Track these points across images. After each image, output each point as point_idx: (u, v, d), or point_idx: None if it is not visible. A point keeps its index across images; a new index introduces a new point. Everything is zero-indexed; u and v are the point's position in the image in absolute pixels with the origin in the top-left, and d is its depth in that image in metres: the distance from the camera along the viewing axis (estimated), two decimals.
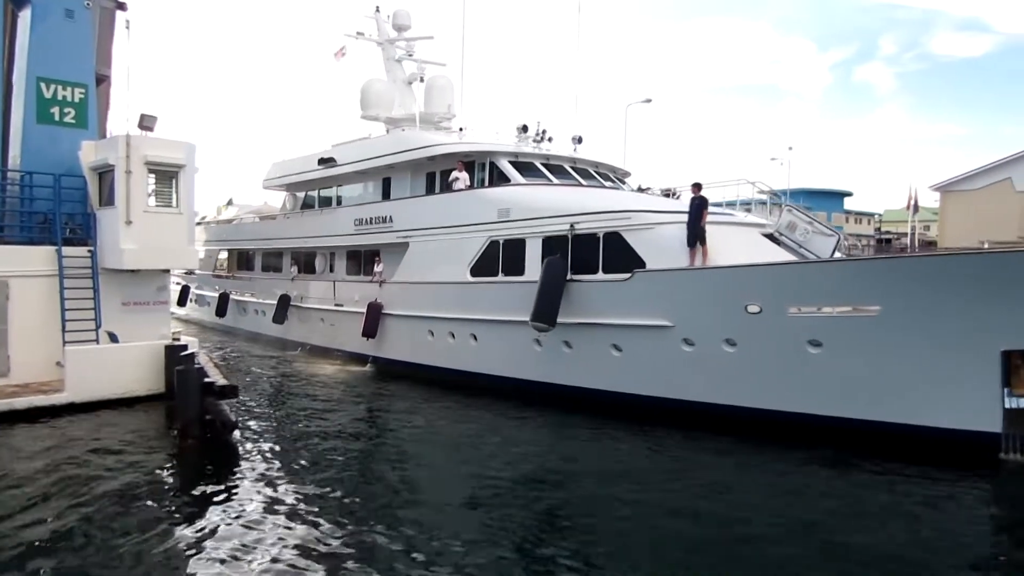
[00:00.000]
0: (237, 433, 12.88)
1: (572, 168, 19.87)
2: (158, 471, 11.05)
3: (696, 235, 13.85)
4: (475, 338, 17.74)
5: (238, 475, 11.00)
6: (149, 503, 9.52)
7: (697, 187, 14.22)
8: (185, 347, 15.45)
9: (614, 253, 14.96)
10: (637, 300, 14.38)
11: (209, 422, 12.65)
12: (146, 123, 16.41)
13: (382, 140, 22.55)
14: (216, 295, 30.55)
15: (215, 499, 9.78)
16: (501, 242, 17.22)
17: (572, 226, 15.57)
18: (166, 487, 10.45)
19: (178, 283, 35.79)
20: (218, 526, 8.73)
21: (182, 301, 33.65)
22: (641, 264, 14.48)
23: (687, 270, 13.77)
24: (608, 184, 20.03)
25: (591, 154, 20.78)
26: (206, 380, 13.18)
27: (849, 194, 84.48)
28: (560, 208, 16.08)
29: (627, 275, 14.37)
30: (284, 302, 24.79)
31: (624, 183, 21.64)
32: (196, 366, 13.63)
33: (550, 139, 20.42)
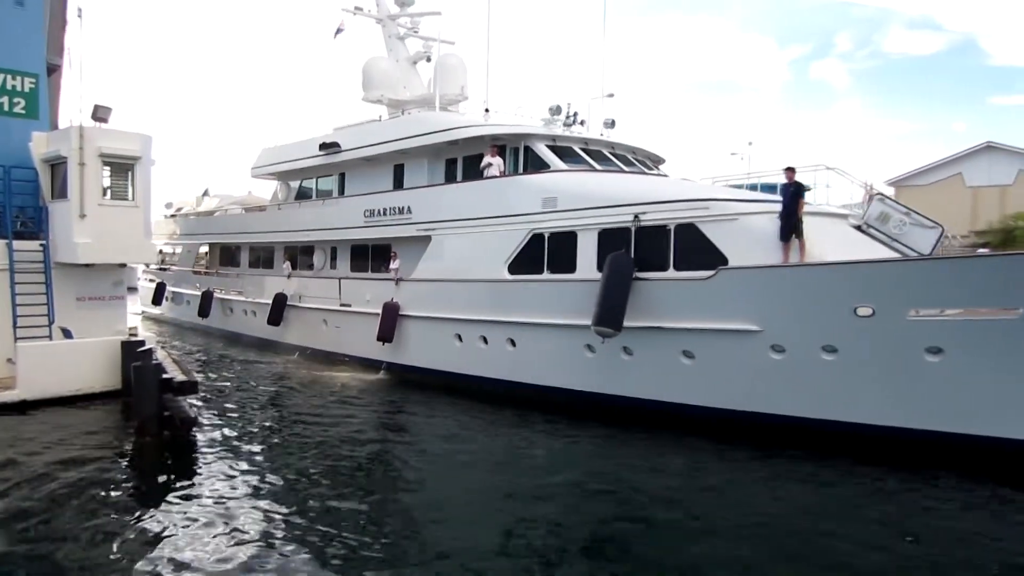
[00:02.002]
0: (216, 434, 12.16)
1: (611, 154, 18.02)
2: (114, 469, 10.77)
3: (792, 227, 12.11)
4: (513, 343, 15.78)
5: (197, 474, 10.63)
6: (104, 501, 9.29)
7: (791, 171, 12.47)
8: (142, 343, 15.02)
9: (688, 248, 13.15)
10: (719, 301, 12.60)
11: (167, 419, 12.34)
12: (100, 114, 15.79)
13: (394, 123, 20.37)
14: (197, 293, 27.98)
15: (172, 497, 9.54)
16: (546, 235, 15.27)
17: (636, 217, 13.71)
18: (122, 485, 10.15)
19: (151, 280, 33.11)
20: (173, 524, 8.55)
21: (157, 299, 30.97)
22: (722, 260, 12.69)
23: (787, 267, 12.01)
24: (651, 172, 18.24)
25: (628, 139, 18.95)
26: (164, 376, 12.76)
27: (808, 188, 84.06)
28: (620, 197, 14.20)
29: (709, 272, 12.57)
30: (279, 302, 22.44)
31: (659, 170, 19.86)
32: (154, 362, 13.16)
33: (582, 122, 18.57)
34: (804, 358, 12.10)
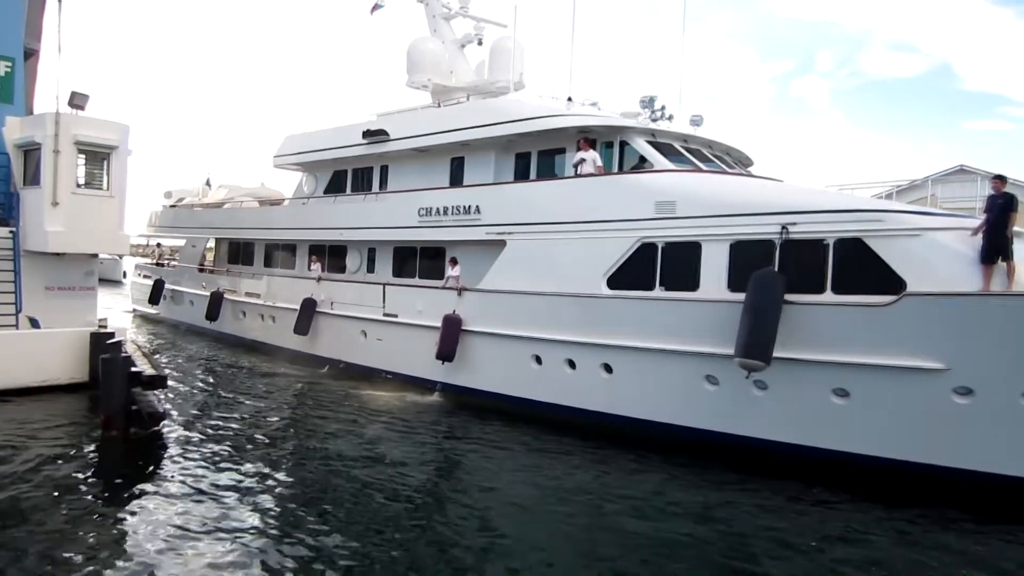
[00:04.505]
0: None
1: (711, 154, 15.90)
2: (77, 463, 10.57)
3: (999, 247, 10.05)
4: (608, 369, 13.55)
5: (164, 470, 10.47)
6: (65, 496, 9.11)
7: (1000, 180, 10.41)
8: (112, 335, 14.73)
9: (853, 267, 11.06)
10: (896, 332, 10.50)
11: (135, 413, 12.20)
12: (77, 101, 15.57)
13: (455, 110, 17.97)
14: (201, 293, 25.25)
15: (137, 493, 9.38)
16: (660, 246, 13.05)
17: (784, 228, 11.56)
18: (84, 479, 9.94)
19: (146, 276, 30.26)
20: (136, 521, 8.47)
21: (155, 298, 28.06)
22: (897, 283, 10.61)
23: (999, 296, 9.92)
24: (764, 176, 16.16)
25: (722, 137, 16.82)
26: (133, 370, 12.57)
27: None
28: (760, 204, 12.04)
29: (889, 298, 10.46)
30: (308, 308, 19.89)
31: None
32: (123, 355, 12.87)
33: (670, 117, 16.35)
34: (997, 404, 10.07)
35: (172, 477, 10.16)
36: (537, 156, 16.45)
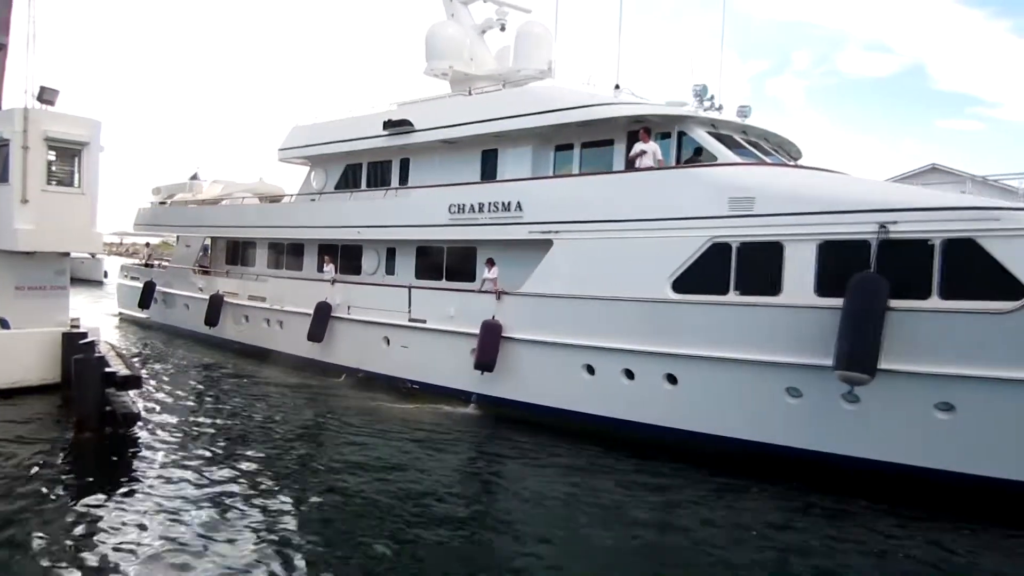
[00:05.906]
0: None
1: (768, 147, 14.88)
2: (49, 465, 10.42)
3: None
4: (673, 380, 12.46)
5: (138, 471, 10.34)
6: (36, 499, 8.98)
7: None
8: (85, 335, 14.42)
9: (963, 270, 10.06)
10: (1015, 342, 9.56)
11: (109, 414, 12.06)
12: (47, 96, 15.19)
13: (489, 98, 16.69)
14: (197, 296, 23.67)
15: (109, 495, 9.23)
16: (735, 246, 11.94)
17: (883, 227, 10.52)
18: (56, 482, 9.76)
19: (135, 278, 28.53)
20: (107, 523, 8.34)
21: (145, 302, 26.34)
22: (1017, 288, 9.63)
23: None
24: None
25: (776, 128, 15.79)
26: (106, 370, 12.40)
27: None
28: (855, 200, 10.98)
29: (1013, 304, 9.48)
30: (323, 312, 18.50)
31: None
32: (96, 355, 12.72)
33: (719, 108, 15.27)
34: None
35: (145, 479, 9.94)
36: (581, 148, 15.26)
